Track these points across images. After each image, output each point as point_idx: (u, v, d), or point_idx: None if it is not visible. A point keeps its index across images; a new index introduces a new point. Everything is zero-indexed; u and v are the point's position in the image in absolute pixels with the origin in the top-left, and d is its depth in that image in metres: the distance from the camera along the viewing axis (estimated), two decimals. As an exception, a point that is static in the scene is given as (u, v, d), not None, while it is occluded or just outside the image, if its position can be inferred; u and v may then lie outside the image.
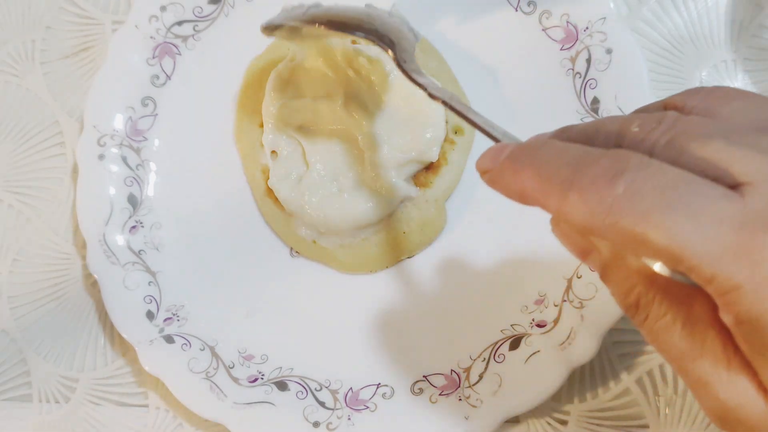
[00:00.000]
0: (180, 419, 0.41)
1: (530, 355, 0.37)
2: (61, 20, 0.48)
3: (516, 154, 0.23)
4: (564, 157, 0.21)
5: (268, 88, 0.42)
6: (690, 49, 0.41)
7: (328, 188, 0.40)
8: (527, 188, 0.22)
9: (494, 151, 0.24)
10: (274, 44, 0.44)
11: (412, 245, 0.41)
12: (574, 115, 0.40)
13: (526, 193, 0.22)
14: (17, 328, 0.44)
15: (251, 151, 0.43)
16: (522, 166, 0.22)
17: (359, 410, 0.38)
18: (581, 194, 0.20)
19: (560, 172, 0.21)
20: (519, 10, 0.42)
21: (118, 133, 0.43)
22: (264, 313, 0.42)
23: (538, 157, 0.22)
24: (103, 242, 0.42)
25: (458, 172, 0.41)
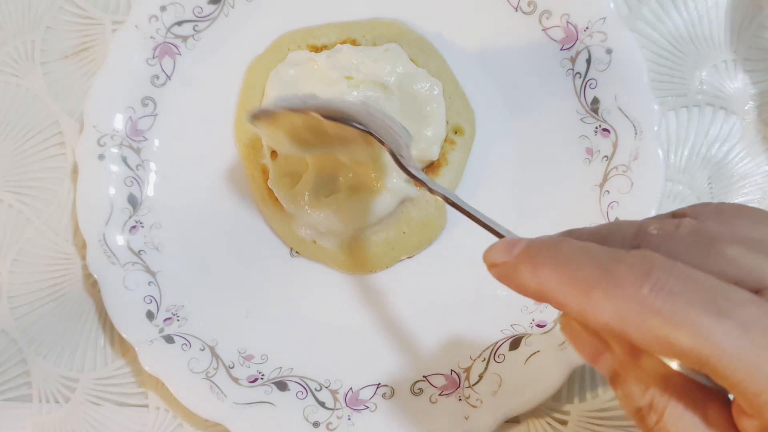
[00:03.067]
0: (180, 419, 0.41)
1: (530, 355, 0.37)
2: (61, 20, 0.48)
3: (534, 249, 0.22)
4: (587, 256, 0.21)
5: (268, 89, 0.42)
6: (690, 49, 0.41)
7: (328, 188, 0.40)
8: (547, 287, 0.22)
9: (505, 245, 0.23)
10: (275, 44, 0.44)
11: (412, 245, 0.41)
12: (574, 115, 0.40)
13: (545, 293, 0.22)
14: (17, 328, 0.44)
15: (251, 151, 0.43)
16: (541, 263, 0.22)
17: (359, 410, 0.38)
18: (607, 293, 0.20)
19: (584, 270, 0.21)
20: (519, 10, 0.42)
21: (118, 133, 0.43)
22: (264, 313, 0.42)
23: (560, 254, 0.22)
24: (103, 242, 0.42)
25: (458, 172, 0.41)
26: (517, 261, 0.23)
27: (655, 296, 0.19)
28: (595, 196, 0.39)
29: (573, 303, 0.21)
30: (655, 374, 0.21)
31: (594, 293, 0.20)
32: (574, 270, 0.21)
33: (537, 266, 0.22)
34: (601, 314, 0.20)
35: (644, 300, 0.19)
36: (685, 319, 0.19)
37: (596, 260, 0.21)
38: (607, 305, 0.20)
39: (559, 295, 0.21)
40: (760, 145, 0.40)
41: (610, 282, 0.20)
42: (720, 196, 0.40)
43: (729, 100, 0.40)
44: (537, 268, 0.22)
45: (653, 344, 0.19)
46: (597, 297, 0.20)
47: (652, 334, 0.19)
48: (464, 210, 0.28)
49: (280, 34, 0.44)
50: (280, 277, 0.42)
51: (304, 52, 0.42)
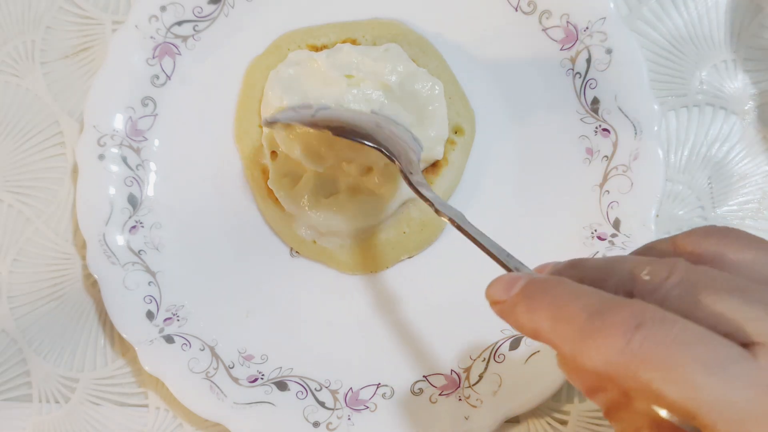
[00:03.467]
0: (180, 419, 0.41)
1: (530, 355, 0.37)
2: (61, 20, 0.48)
3: (530, 290, 0.23)
4: (581, 302, 0.21)
5: (267, 89, 0.42)
6: (690, 49, 0.41)
7: (328, 189, 0.40)
8: (542, 329, 0.22)
9: (505, 282, 0.24)
10: (275, 44, 0.44)
11: (413, 245, 0.41)
12: (574, 115, 0.40)
13: (540, 333, 0.22)
14: (17, 328, 0.44)
15: (251, 151, 0.43)
16: (537, 306, 0.22)
17: (359, 410, 0.38)
18: (597, 343, 0.20)
19: (577, 317, 0.21)
20: (519, 10, 0.42)
21: (118, 133, 0.43)
22: (264, 313, 0.42)
23: (554, 299, 0.22)
24: (103, 242, 0.42)
25: (458, 172, 0.41)
26: (515, 301, 0.23)
27: (645, 349, 0.20)
28: (595, 196, 0.39)
29: (565, 347, 0.21)
30: (646, 417, 0.22)
31: (586, 342, 0.21)
32: (568, 316, 0.21)
33: (533, 309, 0.23)
34: (591, 360, 0.20)
35: (634, 352, 0.20)
36: (674, 373, 0.19)
37: (589, 308, 0.21)
38: (597, 354, 0.20)
39: (552, 338, 0.22)
40: (760, 145, 0.40)
41: (601, 332, 0.20)
42: (720, 196, 0.40)
43: (729, 100, 0.40)
44: (532, 311, 0.23)
45: (643, 393, 0.20)
46: (588, 345, 0.21)
47: (641, 384, 0.20)
48: (470, 235, 0.28)
49: (280, 34, 0.44)
50: (280, 277, 0.42)
51: (303, 51, 0.42)
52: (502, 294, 0.24)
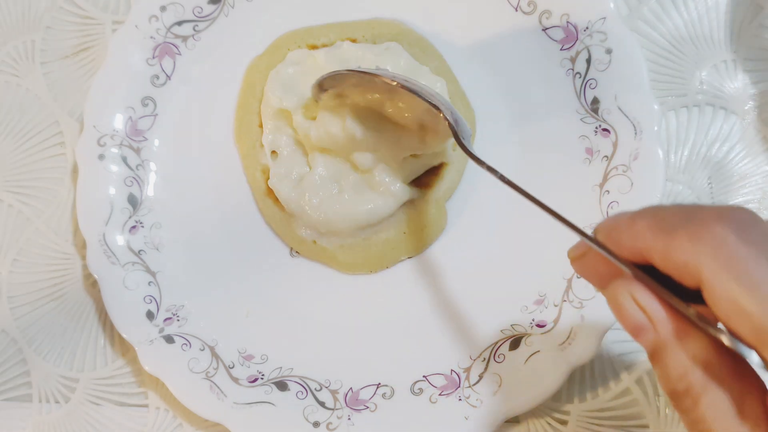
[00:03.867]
0: (180, 419, 0.41)
1: (530, 355, 0.37)
2: (61, 20, 0.48)
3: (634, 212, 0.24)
4: (677, 207, 0.22)
5: (267, 89, 0.42)
6: (690, 49, 0.41)
7: (328, 189, 0.40)
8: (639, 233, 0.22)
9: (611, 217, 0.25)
10: (274, 44, 0.44)
11: (413, 245, 0.41)
12: (574, 115, 0.40)
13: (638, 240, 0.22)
14: (17, 328, 0.44)
15: (251, 151, 0.43)
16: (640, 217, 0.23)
17: (359, 410, 0.38)
18: (691, 232, 0.21)
19: (673, 214, 0.22)
20: (519, 10, 0.42)
21: (118, 133, 0.43)
22: (264, 313, 0.42)
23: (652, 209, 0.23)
24: (103, 242, 0.42)
25: (458, 172, 0.41)
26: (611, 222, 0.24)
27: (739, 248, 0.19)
28: (595, 196, 0.39)
29: (659, 244, 0.21)
30: (697, 358, 0.21)
31: (680, 232, 0.21)
32: (665, 216, 0.22)
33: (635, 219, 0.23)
34: (681, 252, 0.21)
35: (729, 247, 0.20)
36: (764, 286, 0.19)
37: (684, 209, 0.22)
38: (690, 242, 0.20)
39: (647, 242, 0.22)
40: (760, 145, 0.40)
41: (695, 222, 0.21)
42: (720, 196, 0.40)
43: (729, 100, 0.40)
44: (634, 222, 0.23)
45: (724, 302, 0.20)
46: (682, 234, 0.21)
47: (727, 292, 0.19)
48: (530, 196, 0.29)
49: (280, 34, 0.44)
50: (280, 277, 0.42)
51: (303, 50, 0.42)
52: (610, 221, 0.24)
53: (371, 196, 0.40)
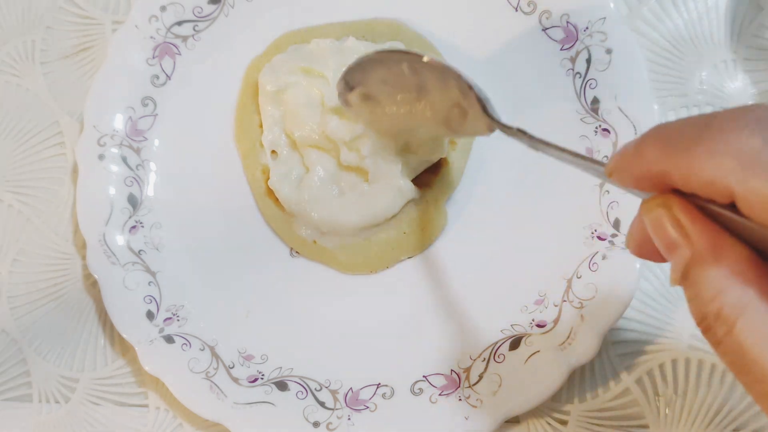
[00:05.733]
0: (180, 419, 0.41)
1: (530, 355, 0.37)
2: (61, 20, 0.48)
3: (641, 137, 0.21)
4: (686, 121, 0.20)
5: (261, 76, 0.42)
6: (690, 49, 0.41)
7: (329, 189, 0.40)
8: (651, 159, 0.20)
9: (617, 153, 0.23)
10: (274, 44, 0.44)
11: (413, 245, 0.41)
12: (574, 115, 0.40)
13: (651, 166, 0.20)
14: (17, 328, 0.44)
15: (251, 151, 0.43)
16: (646, 142, 0.21)
17: (359, 410, 0.38)
18: (709, 147, 0.18)
19: (685, 130, 0.19)
20: (519, 10, 0.42)
21: (118, 133, 0.43)
22: (264, 313, 0.42)
23: (660, 128, 0.21)
24: (103, 242, 0.42)
25: (458, 172, 0.41)
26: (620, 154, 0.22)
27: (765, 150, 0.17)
28: (595, 196, 0.39)
29: (676, 167, 0.19)
30: (734, 273, 0.19)
31: (697, 149, 0.19)
32: (676, 134, 0.20)
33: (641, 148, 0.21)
34: (703, 170, 0.18)
35: (754, 152, 0.17)
36: None
37: (695, 121, 0.19)
38: (710, 159, 0.18)
39: (663, 165, 0.20)
40: (760, 145, 0.40)
41: (713, 133, 0.18)
42: (720, 196, 0.40)
43: (729, 100, 0.40)
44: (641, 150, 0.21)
45: (760, 208, 0.18)
46: (700, 152, 0.19)
47: (760, 197, 0.17)
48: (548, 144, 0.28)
49: (280, 34, 0.44)
50: (280, 277, 0.42)
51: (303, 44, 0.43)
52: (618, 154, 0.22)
53: (374, 195, 0.40)
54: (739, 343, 0.19)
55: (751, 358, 0.19)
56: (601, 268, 0.37)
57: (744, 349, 0.19)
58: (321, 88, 0.41)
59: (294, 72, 0.41)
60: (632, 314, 0.39)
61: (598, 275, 0.37)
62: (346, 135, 0.39)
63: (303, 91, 0.41)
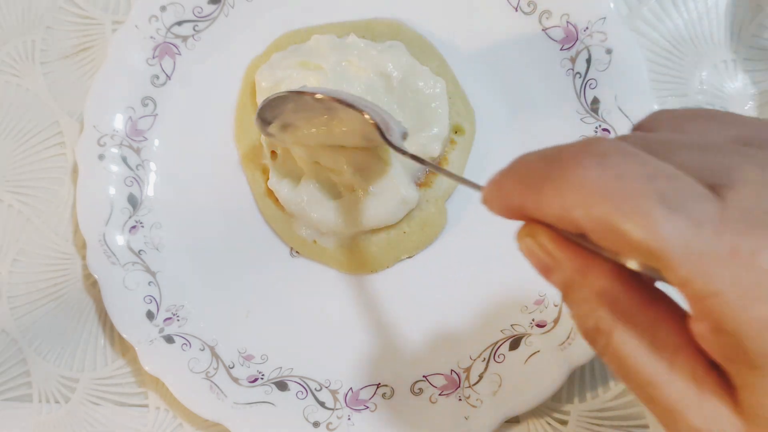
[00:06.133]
0: (180, 419, 0.41)
1: (530, 355, 0.37)
2: (61, 20, 0.48)
3: (503, 170, 0.22)
4: (539, 155, 0.21)
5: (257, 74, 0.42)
6: (690, 49, 0.41)
7: (329, 190, 0.40)
8: (509, 194, 0.21)
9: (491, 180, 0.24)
10: (274, 44, 0.44)
11: (412, 245, 0.41)
12: (574, 115, 0.40)
13: (510, 201, 0.22)
14: (17, 328, 0.44)
15: (251, 151, 0.43)
16: (506, 177, 0.22)
17: (359, 410, 0.38)
18: (554, 183, 0.19)
19: (535, 168, 0.20)
20: (519, 10, 0.42)
21: (118, 133, 0.43)
22: (264, 313, 0.42)
23: (518, 163, 0.22)
24: (103, 242, 0.42)
25: (458, 172, 0.41)
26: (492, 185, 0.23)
27: (605, 181, 0.18)
28: (595, 196, 0.39)
29: (530, 204, 0.20)
30: (601, 291, 0.20)
31: (545, 187, 0.20)
32: (528, 170, 0.21)
33: (502, 182, 0.22)
34: (550, 207, 0.19)
35: (594, 185, 0.18)
36: (635, 209, 0.18)
37: (545, 156, 0.20)
38: (556, 196, 0.19)
39: (519, 199, 0.21)
40: (760, 145, 0.40)
41: (556, 170, 0.19)
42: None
43: (729, 100, 0.40)
44: (502, 184, 0.22)
45: (604, 235, 0.18)
46: (547, 189, 0.19)
47: (601, 225, 0.18)
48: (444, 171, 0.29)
49: (280, 34, 0.44)
50: (280, 277, 0.42)
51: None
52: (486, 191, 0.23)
53: (376, 203, 0.40)
54: (617, 353, 0.20)
55: (630, 366, 0.20)
56: (601, 268, 0.37)
57: (622, 358, 0.20)
58: (318, 80, 0.40)
59: (291, 66, 0.41)
60: (632, 314, 0.39)
61: (598, 275, 0.37)
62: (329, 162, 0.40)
63: (296, 83, 0.41)
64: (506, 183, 0.22)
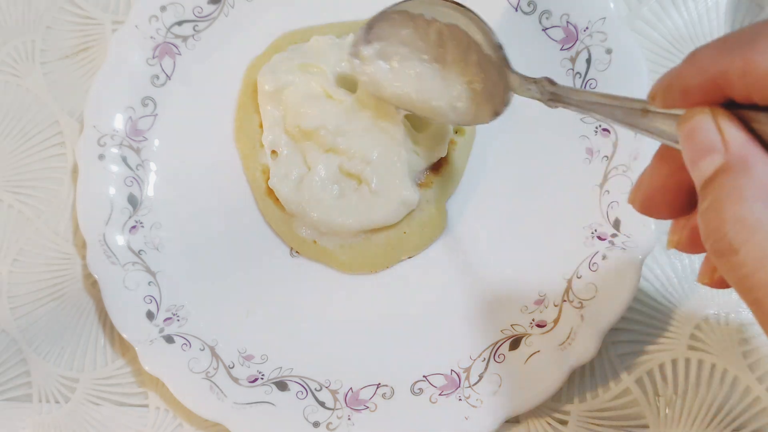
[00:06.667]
0: (180, 419, 0.41)
1: (530, 355, 0.37)
2: (61, 20, 0.48)
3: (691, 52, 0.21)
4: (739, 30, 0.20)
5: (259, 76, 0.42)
6: (690, 49, 0.41)
7: (329, 190, 0.40)
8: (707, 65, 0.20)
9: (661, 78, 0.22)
10: (274, 44, 0.44)
11: (413, 245, 0.41)
12: (574, 115, 0.40)
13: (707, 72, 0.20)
14: (17, 328, 0.44)
15: (251, 151, 0.43)
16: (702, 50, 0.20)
17: (359, 410, 0.38)
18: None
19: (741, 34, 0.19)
20: (519, 10, 0.42)
21: (118, 133, 0.43)
22: (264, 313, 0.42)
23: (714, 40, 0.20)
24: (103, 242, 0.42)
25: (459, 171, 0.42)
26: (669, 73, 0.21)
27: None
28: (595, 195, 0.39)
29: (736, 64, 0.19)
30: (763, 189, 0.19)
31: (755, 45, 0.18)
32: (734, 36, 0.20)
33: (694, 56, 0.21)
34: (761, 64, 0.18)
35: None
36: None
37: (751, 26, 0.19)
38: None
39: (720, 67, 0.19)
40: (760, 145, 0.40)
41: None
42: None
43: (729, 100, 0.40)
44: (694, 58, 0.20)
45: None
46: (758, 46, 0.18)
47: None
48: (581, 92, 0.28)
49: (280, 34, 0.44)
50: (280, 277, 0.42)
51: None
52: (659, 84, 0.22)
53: (376, 203, 0.40)
54: (759, 253, 0.18)
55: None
56: (601, 268, 0.37)
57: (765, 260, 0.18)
58: (320, 83, 0.41)
59: (292, 70, 0.41)
60: (632, 314, 0.39)
61: (598, 275, 0.37)
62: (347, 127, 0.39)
63: (302, 88, 0.41)
64: (701, 54, 0.20)
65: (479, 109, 0.35)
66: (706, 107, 0.20)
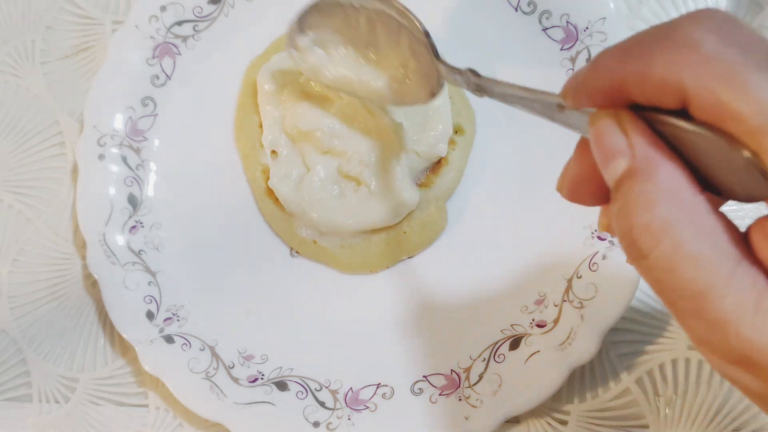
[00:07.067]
0: (180, 419, 0.41)
1: (530, 355, 0.37)
2: (61, 20, 0.48)
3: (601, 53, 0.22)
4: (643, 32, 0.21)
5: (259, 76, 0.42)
6: (690, 49, 0.41)
7: (329, 190, 0.40)
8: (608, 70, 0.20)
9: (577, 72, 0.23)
10: (274, 44, 0.44)
11: (413, 245, 0.41)
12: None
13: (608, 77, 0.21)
14: (17, 328, 0.44)
15: (251, 151, 0.43)
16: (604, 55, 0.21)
17: (359, 410, 0.38)
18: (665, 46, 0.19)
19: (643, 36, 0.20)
20: (519, 10, 0.42)
21: (118, 133, 0.43)
22: (264, 313, 0.42)
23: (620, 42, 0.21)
24: (103, 242, 0.42)
25: (459, 172, 0.41)
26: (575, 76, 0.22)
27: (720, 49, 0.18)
28: (595, 196, 0.39)
29: (635, 70, 0.19)
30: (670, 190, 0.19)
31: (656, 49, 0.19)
32: (634, 41, 0.20)
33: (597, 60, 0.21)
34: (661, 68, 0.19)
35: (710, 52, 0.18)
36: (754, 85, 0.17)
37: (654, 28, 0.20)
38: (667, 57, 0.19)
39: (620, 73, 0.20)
40: (760, 145, 0.40)
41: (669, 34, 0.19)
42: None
43: (729, 100, 0.40)
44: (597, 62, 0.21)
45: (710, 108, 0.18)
46: (658, 52, 0.19)
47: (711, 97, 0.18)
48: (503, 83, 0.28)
49: (280, 34, 0.44)
50: (280, 277, 0.42)
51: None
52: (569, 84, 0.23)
53: (376, 204, 0.40)
54: (668, 258, 0.19)
55: (681, 274, 0.18)
56: (601, 268, 0.37)
57: (673, 264, 0.18)
58: (319, 84, 0.41)
59: (292, 70, 0.41)
60: (632, 314, 0.39)
61: (598, 275, 0.37)
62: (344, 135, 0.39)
63: (301, 87, 0.41)
64: (603, 59, 0.21)
65: (416, 90, 0.35)
66: (612, 110, 0.21)
